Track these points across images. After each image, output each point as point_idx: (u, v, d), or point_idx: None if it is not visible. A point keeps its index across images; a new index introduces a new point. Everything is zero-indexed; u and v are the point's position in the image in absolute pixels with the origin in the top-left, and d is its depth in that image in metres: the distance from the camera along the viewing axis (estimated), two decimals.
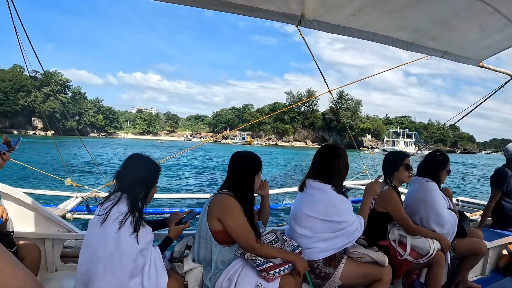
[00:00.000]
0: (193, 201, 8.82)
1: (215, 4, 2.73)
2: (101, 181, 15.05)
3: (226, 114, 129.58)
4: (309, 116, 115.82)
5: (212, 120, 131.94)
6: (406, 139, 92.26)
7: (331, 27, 3.06)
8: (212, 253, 2.40)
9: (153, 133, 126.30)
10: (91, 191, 5.40)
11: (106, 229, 2.13)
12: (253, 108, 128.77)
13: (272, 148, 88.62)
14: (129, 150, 34.98)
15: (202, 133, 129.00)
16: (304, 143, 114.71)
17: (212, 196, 2.52)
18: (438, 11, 2.87)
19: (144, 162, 2.39)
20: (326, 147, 2.93)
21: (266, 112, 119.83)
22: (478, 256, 3.44)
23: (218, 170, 27.63)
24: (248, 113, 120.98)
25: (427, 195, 3.22)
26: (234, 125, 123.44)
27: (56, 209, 4.69)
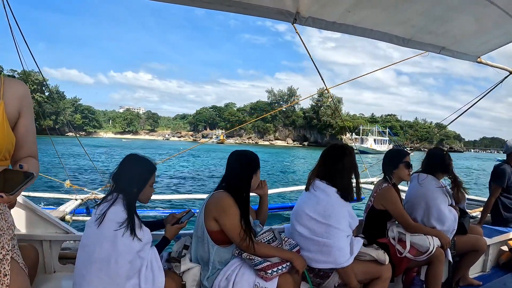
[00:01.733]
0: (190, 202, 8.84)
1: (209, 2, 2.72)
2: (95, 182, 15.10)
3: (206, 112, 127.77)
4: (290, 114, 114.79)
5: (193, 119, 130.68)
6: (378, 137, 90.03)
7: (327, 24, 3.06)
8: (210, 253, 2.39)
9: (134, 132, 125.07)
10: (90, 193, 5.41)
11: (102, 230, 2.12)
12: (235, 106, 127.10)
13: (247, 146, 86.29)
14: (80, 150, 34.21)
15: (182, 132, 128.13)
16: (285, 142, 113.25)
17: (209, 196, 2.50)
18: (434, 6, 2.86)
19: (140, 162, 2.38)
20: (332, 146, 2.91)
21: (247, 111, 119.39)
22: (478, 253, 3.42)
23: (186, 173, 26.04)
24: (228, 112, 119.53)
25: (428, 192, 3.21)
26: (215, 124, 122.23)
27: (56, 211, 4.69)
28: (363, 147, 74.47)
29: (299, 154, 55.00)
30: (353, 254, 2.62)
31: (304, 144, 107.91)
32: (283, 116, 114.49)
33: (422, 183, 3.27)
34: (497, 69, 4.34)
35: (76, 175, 20.11)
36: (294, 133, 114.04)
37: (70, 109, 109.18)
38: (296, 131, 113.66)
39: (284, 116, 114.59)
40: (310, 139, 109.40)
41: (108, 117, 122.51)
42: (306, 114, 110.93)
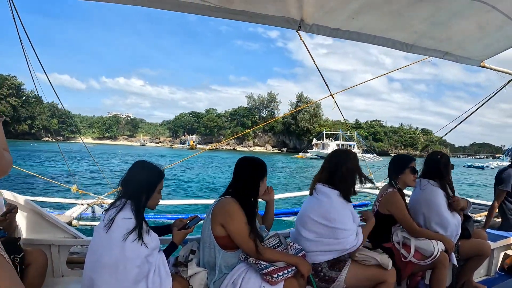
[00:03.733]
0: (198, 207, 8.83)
1: (216, 11, 2.77)
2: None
3: (185, 118, 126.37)
4: (269, 120, 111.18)
5: (171, 125, 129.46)
6: (344, 142, 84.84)
7: (331, 30, 3.09)
8: (216, 258, 2.41)
9: (113, 137, 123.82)
10: (97, 198, 5.44)
11: (111, 236, 2.15)
12: (216, 112, 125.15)
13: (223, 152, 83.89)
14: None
15: (161, 138, 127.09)
16: (264, 148, 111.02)
17: (215, 202, 2.54)
18: (436, 12, 2.88)
19: (148, 168, 2.42)
20: (335, 151, 2.96)
21: (227, 117, 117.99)
22: (482, 257, 3.42)
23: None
24: (206, 118, 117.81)
25: (430, 197, 3.22)
26: (193, 130, 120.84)
27: (62, 216, 4.73)
28: (321, 153, 71.67)
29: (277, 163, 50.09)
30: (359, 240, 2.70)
31: (283, 150, 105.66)
32: (262, 122, 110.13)
33: (424, 188, 3.29)
34: (501, 73, 4.35)
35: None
36: (273, 139, 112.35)
37: (46, 113, 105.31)
38: (275, 137, 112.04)
39: (263, 122, 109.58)
40: (290, 145, 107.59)
41: (89, 122, 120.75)
42: (284, 120, 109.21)
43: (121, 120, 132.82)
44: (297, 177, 30.27)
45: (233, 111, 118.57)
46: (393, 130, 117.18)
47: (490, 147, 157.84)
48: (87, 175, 22.10)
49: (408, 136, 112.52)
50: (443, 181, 3.29)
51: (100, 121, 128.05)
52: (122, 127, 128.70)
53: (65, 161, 6.17)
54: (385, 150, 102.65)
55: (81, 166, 27.95)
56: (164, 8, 2.76)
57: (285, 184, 23.73)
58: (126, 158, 43.35)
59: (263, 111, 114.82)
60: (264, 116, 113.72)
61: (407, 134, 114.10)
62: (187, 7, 2.73)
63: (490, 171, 52.05)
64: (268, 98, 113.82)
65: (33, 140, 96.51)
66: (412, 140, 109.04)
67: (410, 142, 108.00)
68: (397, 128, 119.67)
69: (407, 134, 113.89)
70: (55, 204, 6.69)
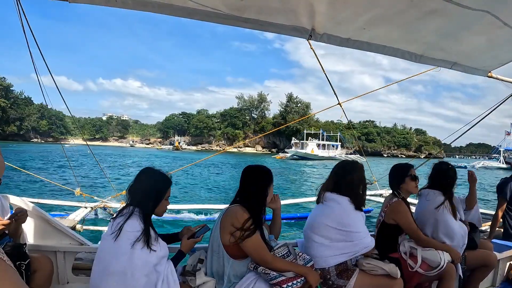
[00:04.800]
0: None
1: (227, 18, 2.77)
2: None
3: (175, 119, 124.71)
4: (260, 121, 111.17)
5: (162, 126, 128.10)
6: (325, 142, 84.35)
7: (341, 40, 3.09)
8: (225, 267, 2.40)
9: (103, 139, 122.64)
10: (100, 201, 5.42)
11: (119, 244, 2.14)
12: (207, 113, 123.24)
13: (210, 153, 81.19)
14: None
15: (151, 139, 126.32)
16: (255, 149, 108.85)
17: (224, 210, 2.53)
18: (447, 25, 2.89)
19: (155, 175, 2.41)
20: (342, 162, 3.00)
21: (217, 118, 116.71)
22: (488, 268, 3.43)
23: None
24: (196, 118, 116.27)
25: (436, 208, 3.22)
26: (183, 131, 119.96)
27: (66, 219, 4.72)
28: (300, 152, 71.12)
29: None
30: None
31: (273, 151, 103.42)
32: (253, 122, 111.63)
33: (429, 199, 3.29)
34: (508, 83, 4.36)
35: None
36: (264, 140, 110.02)
37: (36, 115, 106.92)
38: (266, 137, 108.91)
39: (254, 122, 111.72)
40: (280, 145, 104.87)
41: (81, 123, 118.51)
42: (274, 120, 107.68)
43: (112, 122, 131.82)
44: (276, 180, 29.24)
45: (223, 112, 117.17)
46: (386, 130, 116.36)
47: (487, 148, 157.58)
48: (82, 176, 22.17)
49: (402, 137, 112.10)
50: (449, 192, 3.29)
51: (90, 122, 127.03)
52: (113, 128, 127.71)
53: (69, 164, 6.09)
54: (378, 150, 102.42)
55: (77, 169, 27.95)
56: (174, 14, 2.77)
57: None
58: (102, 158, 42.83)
59: (253, 111, 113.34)
60: (254, 117, 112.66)
61: (401, 134, 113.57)
62: (198, 14, 2.73)
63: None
64: (259, 98, 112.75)
65: (22, 141, 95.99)
66: (406, 141, 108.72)
67: (404, 142, 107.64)
68: (390, 128, 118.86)
69: (400, 135, 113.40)
70: (58, 206, 6.66)
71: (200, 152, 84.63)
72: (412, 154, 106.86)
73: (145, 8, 2.70)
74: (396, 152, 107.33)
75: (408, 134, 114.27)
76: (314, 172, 39.25)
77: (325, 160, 66.59)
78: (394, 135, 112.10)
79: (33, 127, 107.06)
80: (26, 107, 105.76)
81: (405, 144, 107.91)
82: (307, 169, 44.27)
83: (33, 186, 16.78)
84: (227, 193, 18.51)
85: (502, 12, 2.63)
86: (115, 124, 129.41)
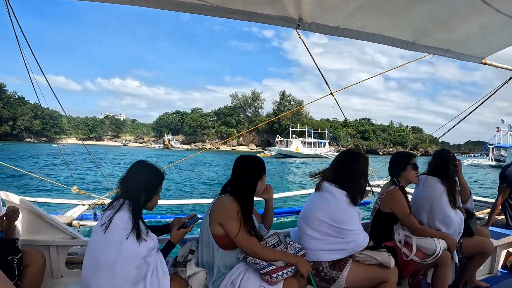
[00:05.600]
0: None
1: (213, 10, 2.75)
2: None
3: (169, 118, 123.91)
4: (254, 119, 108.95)
5: (155, 125, 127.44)
6: (311, 140, 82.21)
7: (330, 29, 3.07)
8: (215, 258, 2.40)
9: (97, 138, 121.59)
10: (97, 199, 5.44)
11: (109, 236, 2.14)
12: (202, 111, 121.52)
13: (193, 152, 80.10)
14: None
15: (145, 138, 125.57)
16: (248, 147, 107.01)
17: (214, 200, 2.52)
18: (437, 10, 2.85)
19: (148, 169, 2.40)
20: (345, 151, 2.95)
21: (211, 116, 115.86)
22: (485, 255, 3.40)
23: None
24: (190, 117, 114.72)
25: (434, 195, 3.20)
26: (177, 130, 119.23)
27: (63, 216, 4.73)
28: (283, 150, 70.16)
29: None
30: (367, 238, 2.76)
31: (266, 149, 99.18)
32: (247, 121, 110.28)
33: (427, 186, 3.27)
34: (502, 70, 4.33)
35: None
36: (258, 138, 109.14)
37: (29, 114, 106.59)
38: (260, 136, 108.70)
39: (248, 121, 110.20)
40: (273, 144, 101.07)
41: (76, 123, 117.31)
42: (268, 118, 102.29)
43: (106, 121, 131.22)
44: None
45: (217, 111, 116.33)
46: (382, 128, 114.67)
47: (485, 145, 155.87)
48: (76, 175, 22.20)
49: (397, 134, 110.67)
50: (447, 179, 3.27)
51: (84, 121, 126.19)
52: (107, 127, 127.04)
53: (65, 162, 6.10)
54: (373, 148, 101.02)
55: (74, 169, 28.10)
56: (160, 7, 2.75)
57: None
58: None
59: (247, 110, 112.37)
60: (248, 115, 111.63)
61: (396, 132, 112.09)
62: (184, 6, 2.72)
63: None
64: (252, 96, 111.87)
65: (15, 141, 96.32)
66: (402, 138, 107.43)
67: (399, 140, 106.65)
68: (386, 126, 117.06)
69: (396, 132, 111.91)
70: (55, 204, 6.69)
71: (192, 151, 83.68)
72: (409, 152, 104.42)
73: (132, 2, 2.69)
74: (391, 150, 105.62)
75: (404, 132, 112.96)
76: (294, 170, 38.97)
77: (311, 158, 65.86)
78: (390, 133, 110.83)
79: (26, 127, 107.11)
80: (19, 107, 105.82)
81: (401, 142, 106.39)
82: (290, 166, 44.00)
83: (28, 185, 16.81)
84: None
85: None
86: (109, 124, 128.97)
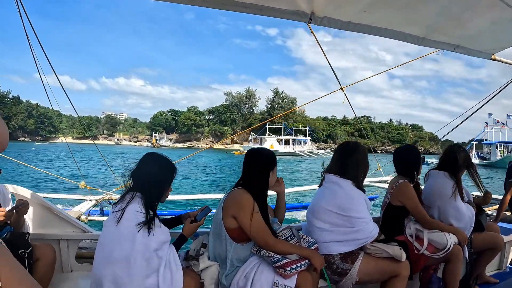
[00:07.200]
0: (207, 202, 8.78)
1: (225, 4, 2.74)
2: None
3: (163, 116, 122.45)
4: (248, 117, 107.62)
5: (149, 123, 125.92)
6: (288, 137, 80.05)
7: (342, 23, 3.07)
8: (228, 251, 2.39)
9: (93, 137, 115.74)
10: (105, 194, 5.45)
11: (121, 229, 2.13)
12: (197, 110, 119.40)
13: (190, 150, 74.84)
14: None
15: (140, 137, 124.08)
16: (242, 145, 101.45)
17: (227, 193, 2.51)
18: (449, 5, 2.85)
19: (159, 161, 2.38)
20: (345, 143, 2.95)
21: (206, 114, 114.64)
22: (495, 251, 3.40)
23: None
24: (184, 116, 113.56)
25: (444, 189, 3.18)
26: (171, 128, 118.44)
27: (70, 211, 4.74)
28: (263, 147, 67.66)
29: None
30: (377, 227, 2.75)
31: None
32: (241, 119, 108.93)
33: (438, 181, 3.26)
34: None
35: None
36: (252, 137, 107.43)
37: (23, 114, 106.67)
38: (254, 134, 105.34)
39: (242, 119, 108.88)
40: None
41: (72, 122, 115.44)
42: (261, 116, 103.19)
43: (101, 120, 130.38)
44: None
45: (212, 109, 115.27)
46: (380, 126, 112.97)
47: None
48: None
49: (396, 132, 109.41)
50: (456, 174, 3.25)
51: (79, 120, 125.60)
52: (102, 126, 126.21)
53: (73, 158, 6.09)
54: (371, 146, 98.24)
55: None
56: (172, 1, 2.74)
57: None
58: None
59: (242, 108, 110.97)
60: (243, 113, 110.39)
61: (395, 130, 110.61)
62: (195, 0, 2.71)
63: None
64: (247, 94, 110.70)
65: (10, 140, 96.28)
66: (400, 136, 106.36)
67: (398, 138, 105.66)
68: (385, 124, 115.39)
69: (395, 130, 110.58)
70: (62, 200, 6.69)
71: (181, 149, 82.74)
72: None
73: None
74: (390, 148, 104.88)
75: (403, 129, 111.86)
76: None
77: (287, 156, 63.73)
78: (389, 131, 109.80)
79: (20, 126, 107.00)
80: (13, 106, 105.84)
81: (400, 139, 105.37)
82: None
83: (33, 181, 16.82)
84: None
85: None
86: (104, 122, 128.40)
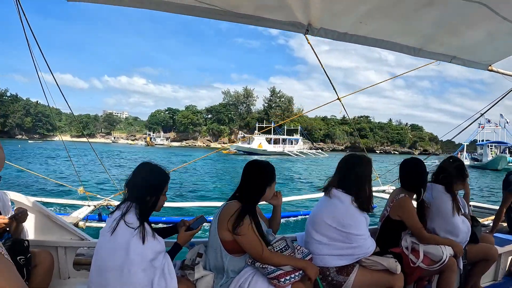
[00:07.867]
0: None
1: (223, 14, 2.78)
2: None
3: (161, 115, 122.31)
4: (245, 116, 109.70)
5: (147, 122, 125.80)
6: (278, 136, 76.86)
7: (338, 34, 3.08)
8: (223, 262, 2.41)
9: (90, 135, 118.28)
10: (103, 200, 5.46)
11: (116, 239, 2.16)
12: (196, 108, 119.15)
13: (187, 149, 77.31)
14: None
15: (137, 135, 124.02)
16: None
17: (222, 205, 2.53)
18: (445, 17, 2.86)
19: (153, 170, 2.42)
20: (347, 155, 2.95)
21: (204, 113, 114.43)
22: (489, 262, 3.40)
23: None
24: (181, 114, 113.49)
25: (441, 204, 3.18)
26: (169, 127, 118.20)
27: (69, 217, 4.76)
28: (243, 147, 66.57)
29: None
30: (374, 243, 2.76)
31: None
32: (239, 118, 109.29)
33: (436, 196, 3.24)
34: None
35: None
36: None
37: (20, 112, 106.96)
38: (250, 133, 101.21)
39: (240, 118, 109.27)
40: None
41: (70, 120, 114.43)
42: (258, 116, 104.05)
43: (99, 118, 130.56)
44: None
45: (210, 108, 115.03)
46: (380, 126, 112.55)
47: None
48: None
49: (395, 132, 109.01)
50: (451, 187, 3.26)
51: (77, 118, 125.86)
52: (99, 124, 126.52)
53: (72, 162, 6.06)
54: (370, 146, 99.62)
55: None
56: (170, 11, 2.76)
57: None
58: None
59: (239, 107, 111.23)
60: (241, 112, 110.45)
61: (394, 130, 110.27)
62: (194, 10, 2.74)
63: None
64: (244, 93, 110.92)
65: (7, 138, 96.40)
66: (400, 136, 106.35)
67: (397, 138, 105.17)
68: (384, 124, 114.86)
69: (394, 130, 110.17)
70: (61, 205, 6.71)
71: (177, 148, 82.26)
72: (406, 150, 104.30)
73: (142, 5, 2.72)
74: (389, 148, 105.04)
75: (402, 129, 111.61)
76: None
77: (276, 156, 62.56)
78: (388, 131, 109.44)
79: (18, 124, 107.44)
80: (11, 104, 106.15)
81: (399, 140, 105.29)
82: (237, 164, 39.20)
83: (31, 185, 16.80)
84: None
85: (499, 6, 2.59)
86: (101, 121, 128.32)
